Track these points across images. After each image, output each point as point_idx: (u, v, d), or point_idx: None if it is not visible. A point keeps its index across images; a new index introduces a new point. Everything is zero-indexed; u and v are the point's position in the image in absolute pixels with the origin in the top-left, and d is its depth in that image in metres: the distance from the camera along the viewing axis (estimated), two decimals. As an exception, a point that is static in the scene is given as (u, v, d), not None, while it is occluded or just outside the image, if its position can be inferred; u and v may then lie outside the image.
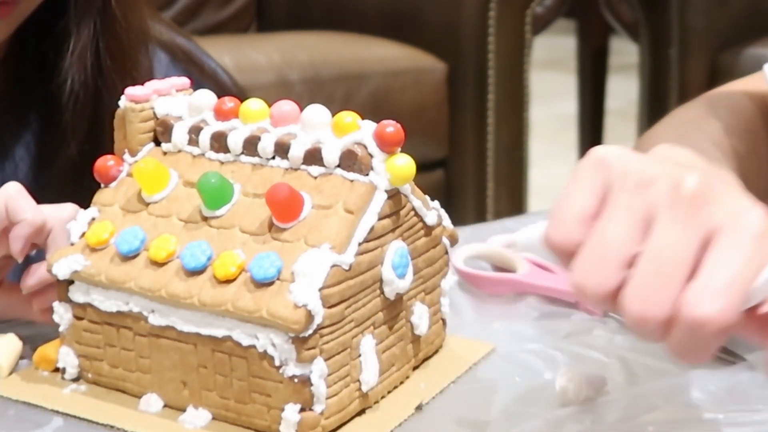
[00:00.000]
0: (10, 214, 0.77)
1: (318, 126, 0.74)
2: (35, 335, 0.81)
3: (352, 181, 0.73)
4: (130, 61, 0.99)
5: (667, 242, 0.56)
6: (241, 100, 0.77)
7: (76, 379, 0.77)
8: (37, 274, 0.79)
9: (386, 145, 0.72)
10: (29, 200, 0.77)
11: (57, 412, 0.74)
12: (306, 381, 0.69)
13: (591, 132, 2.71)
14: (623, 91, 3.25)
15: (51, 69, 0.97)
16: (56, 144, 0.98)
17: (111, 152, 0.79)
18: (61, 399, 0.75)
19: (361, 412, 0.74)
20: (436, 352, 0.81)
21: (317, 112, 0.74)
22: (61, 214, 0.78)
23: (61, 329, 0.77)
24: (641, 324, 0.56)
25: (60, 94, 0.96)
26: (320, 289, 0.68)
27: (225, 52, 1.94)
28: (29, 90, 1.01)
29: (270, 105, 0.77)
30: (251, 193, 0.74)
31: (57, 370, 0.78)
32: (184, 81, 0.81)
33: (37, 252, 0.80)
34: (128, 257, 0.74)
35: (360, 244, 0.71)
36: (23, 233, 0.77)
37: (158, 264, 0.73)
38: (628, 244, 0.57)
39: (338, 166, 0.73)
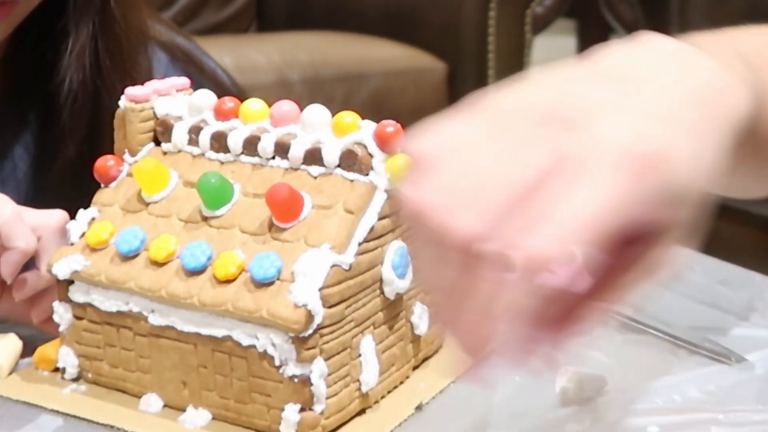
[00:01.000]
0: (3, 239, 0.76)
1: (318, 126, 0.74)
2: (35, 335, 0.81)
3: (352, 181, 0.72)
4: (129, 61, 0.99)
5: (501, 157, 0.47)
6: (241, 100, 0.77)
7: (76, 379, 0.77)
8: (28, 283, 0.78)
9: (386, 145, 0.72)
10: (24, 226, 0.76)
11: (57, 412, 0.74)
12: (306, 381, 0.69)
13: (591, 132, 2.70)
14: (623, 91, 3.25)
15: (50, 69, 0.97)
16: (55, 144, 0.98)
17: (110, 152, 0.79)
18: (61, 399, 0.75)
19: (361, 412, 0.74)
20: (436, 352, 0.81)
21: (317, 112, 0.74)
22: (49, 221, 0.78)
23: (61, 329, 0.77)
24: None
25: (58, 94, 0.96)
26: (320, 289, 0.68)
27: (225, 52, 1.94)
28: (28, 90, 1.01)
29: (270, 105, 0.76)
30: (251, 193, 0.74)
31: (57, 370, 0.78)
32: (184, 81, 0.81)
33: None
34: (128, 257, 0.74)
35: (360, 244, 0.71)
36: (15, 260, 0.76)
37: (158, 264, 0.73)
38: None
39: (338, 166, 0.73)
